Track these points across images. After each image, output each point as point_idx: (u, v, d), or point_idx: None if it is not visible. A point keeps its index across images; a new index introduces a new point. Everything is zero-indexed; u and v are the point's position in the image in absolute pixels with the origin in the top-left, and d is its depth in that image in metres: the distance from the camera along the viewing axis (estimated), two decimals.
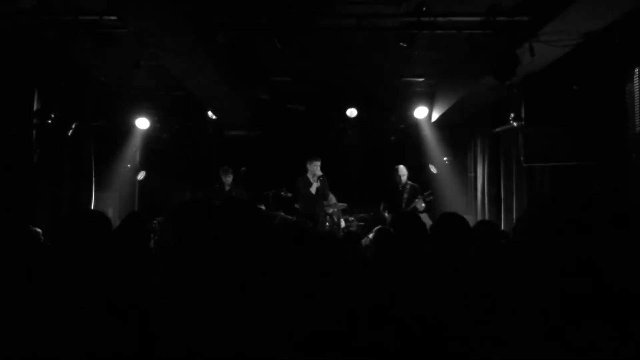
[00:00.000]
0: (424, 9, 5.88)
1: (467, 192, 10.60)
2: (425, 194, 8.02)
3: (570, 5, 5.15)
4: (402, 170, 8.17)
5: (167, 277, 1.88)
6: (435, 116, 10.04)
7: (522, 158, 7.73)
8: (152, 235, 4.68)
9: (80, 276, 1.85)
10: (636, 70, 6.08)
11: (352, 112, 9.99)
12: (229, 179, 8.59)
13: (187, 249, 1.64)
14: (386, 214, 7.98)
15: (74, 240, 1.88)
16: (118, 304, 1.67)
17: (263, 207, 8.72)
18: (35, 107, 7.32)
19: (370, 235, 7.68)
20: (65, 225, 1.97)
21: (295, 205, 8.76)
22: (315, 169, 7.94)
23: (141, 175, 10.29)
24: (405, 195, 8.07)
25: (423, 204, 7.94)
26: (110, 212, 9.28)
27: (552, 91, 7.21)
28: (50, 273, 2.07)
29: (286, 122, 10.53)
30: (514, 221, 8.22)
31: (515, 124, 8.08)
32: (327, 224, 8.43)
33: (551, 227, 1.18)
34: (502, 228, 8.45)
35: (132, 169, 10.40)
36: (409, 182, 8.19)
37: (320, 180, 7.95)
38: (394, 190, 8.20)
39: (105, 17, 6.00)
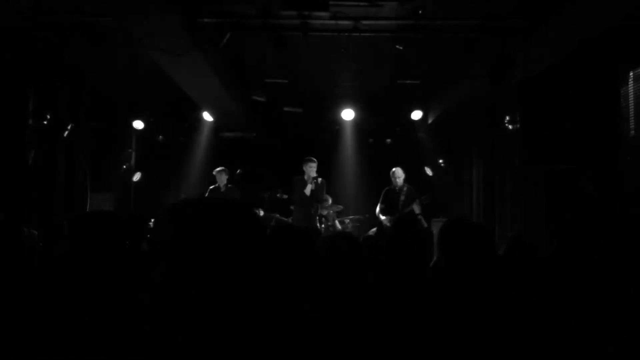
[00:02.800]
0: (420, 12, 5.90)
1: (462, 194, 10.63)
2: (422, 197, 7.99)
3: (565, 10, 5.18)
4: (399, 172, 8.11)
5: (165, 275, 1.88)
6: (430, 119, 10.07)
7: (517, 161, 7.76)
8: (148, 236, 4.69)
9: (94, 275, 1.86)
10: (630, 73, 6.11)
11: (348, 114, 10.01)
12: (224, 179, 8.57)
13: (182, 247, 1.64)
14: (382, 217, 7.94)
15: (92, 240, 1.90)
16: (119, 302, 1.68)
17: (261, 212, 8.71)
18: (30, 108, 7.29)
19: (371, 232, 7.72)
20: (83, 224, 1.98)
21: (291, 207, 8.76)
22: (310, 170, 7.88)
23: (136, 177, 10.28)
24: (402, 198, 8.01)
25: (419, 208, 7.92)
26: None
27: (547, 94, 7.23)
28: (49, 274, 2.07)
29: (282, 124, 10.54)
30: (508, 223, 8.25)
31: (510, 126, 8.11)
32: (323, 225, 8.43)
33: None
34: (497, 230, 8.48)
35: (127, 170, 10.38)
36: (406, 184, 8.16)
37: (316, 183, 7.89)
38: (390, 192, 8.16)
39: (101, 18, 5.99)
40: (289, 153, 10.32)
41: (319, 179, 7.92)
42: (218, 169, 8.63)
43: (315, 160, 7.92)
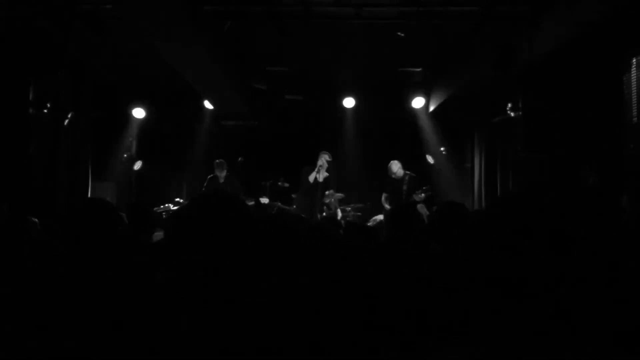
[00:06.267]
0: None
1: (464, 182, 10.61)
2: (424, 188, 8.02)
3: None
4: (394, 168, 8.12)
5: (166, 273, 1.88)
6: (432, 106, 10.02)
7: (519, 148, 7.74)
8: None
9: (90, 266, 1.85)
10: (634, 60, 6.08)
11: (349, 102, 9.97)
12: (223, 173, 8.59)
13: (180, 245, 1.64)
14: (387, 205, 8.00)
15: (89, 229, 1.89)
16: (120, 298, 1.67)
17: (267, 200, 8.74)
18: (30, 97, 7.27)
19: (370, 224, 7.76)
20: (81, 213, 1.97)
21: (293, 195, 8.78)
22: (321, 160, 8.10)
23: (138, 165, 10.26)
24: (405, 187, 8.07)
25: (422, 195, 7.95)
26: None
27: (550, 81, 7.20)
28: (51, 262, 2.07)
29: (283, 112, 10.50)
30: None
31: (512, 114, 8.08)
32: (325, 214, 8.45)
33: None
34: None
35: (128, 159, 10.36)
36: (408, 172, 8.18)
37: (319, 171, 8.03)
38: (393, 181, 8.19)
39: (102, 6, 5.96)
40: (290, 141, 10.29)
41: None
42: (217, 160, 8.64)
43: (327, 153, 8.06)
